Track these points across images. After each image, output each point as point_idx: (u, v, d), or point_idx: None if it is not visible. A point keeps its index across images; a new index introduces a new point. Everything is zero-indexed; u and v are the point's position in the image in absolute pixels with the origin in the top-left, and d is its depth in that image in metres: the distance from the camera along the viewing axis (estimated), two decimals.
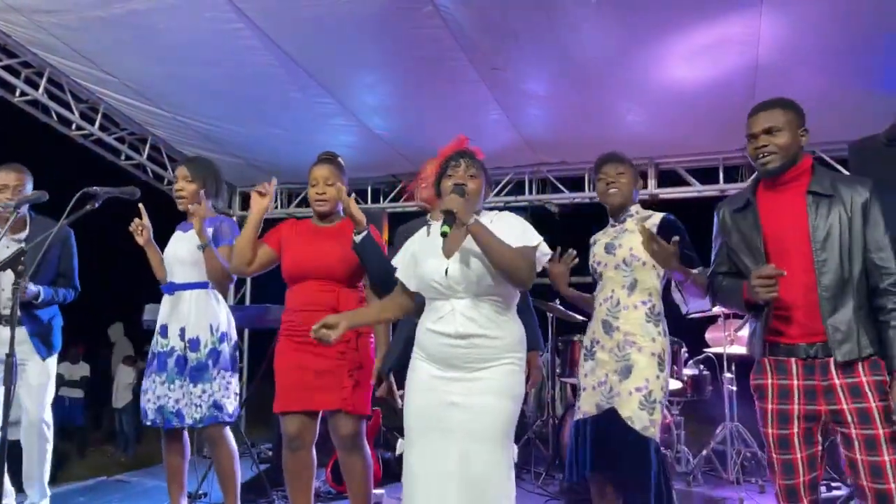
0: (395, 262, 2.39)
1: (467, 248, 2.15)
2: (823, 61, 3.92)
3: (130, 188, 2.64)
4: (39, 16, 3.97)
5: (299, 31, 3.91)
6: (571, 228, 5.42)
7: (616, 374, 2.54)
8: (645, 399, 2.47)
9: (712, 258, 2.43)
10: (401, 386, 2.55)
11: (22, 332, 3.27)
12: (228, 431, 3.05)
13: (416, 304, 2.37)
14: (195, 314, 3.03)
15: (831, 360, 2.08)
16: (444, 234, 2.09)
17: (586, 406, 2.60)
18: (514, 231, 2.19)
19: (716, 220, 2.42)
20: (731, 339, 4.66)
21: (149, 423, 3.06)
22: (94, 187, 2.43)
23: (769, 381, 2.19)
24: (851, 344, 2.06)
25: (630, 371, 2.51)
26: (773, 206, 2.25)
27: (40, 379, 3.35)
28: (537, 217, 5.85)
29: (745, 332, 4.65)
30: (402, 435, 2.32)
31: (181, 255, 3.11)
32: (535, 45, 3.98)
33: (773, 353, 2.19)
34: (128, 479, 4.59)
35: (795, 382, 2.14)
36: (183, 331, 3.02)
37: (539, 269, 2.24)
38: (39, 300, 3.27)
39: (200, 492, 3.71)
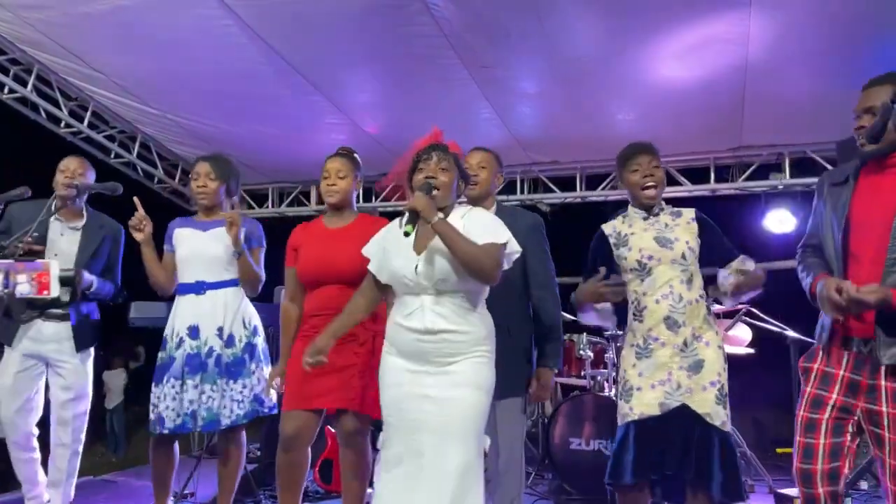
0: (365, 251, 2.39)
1: (435, 246, 2.17)
2: (814, 61, 3.92)
3: (112, 184, 2.62)
4: (26, 12, 3.95)
5: (287, 27, 3.90)
6: (563, 228, 5.42)
7: (683, 370, 2.43)
8: (720, 393, 2.41)
9: (807, 230, 2.35)
10: None
11: (67, 328, 3.18)
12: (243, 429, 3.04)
13: (382, 296, 2.39)
14: (231, 311, 3.00)
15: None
16: (406, 234, 2.11)
17: (642, 406, 2.44)
18: (483, 228, 2.20)
19: (816, 191, 2.31)
20: (723, 339, 4.65)
21: (166, 432, 2.87)
22: (76, 182, 2.41)
23: (816, 365, 2.15)
24: None
25: (701, 366, 2.43)
26: (870, 189, 2.10)
27: (78, 379, 3.23)
28: None
29: (735, 331, 4.66)
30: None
31: (214, 253, 3.01)
32: (525, 43, 3.98)
33: (830, 341, 2.13)
34: (114, 479, 4.55)
35: (842, 373, 2.08)
36: (221, 330, 2.97)
37: (506, 266, 2.25)
38: (92, 290, 3.19)
39: (187, 491, 3.68)
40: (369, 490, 3.94)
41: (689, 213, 2.63)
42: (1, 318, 2.89)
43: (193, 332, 2.97)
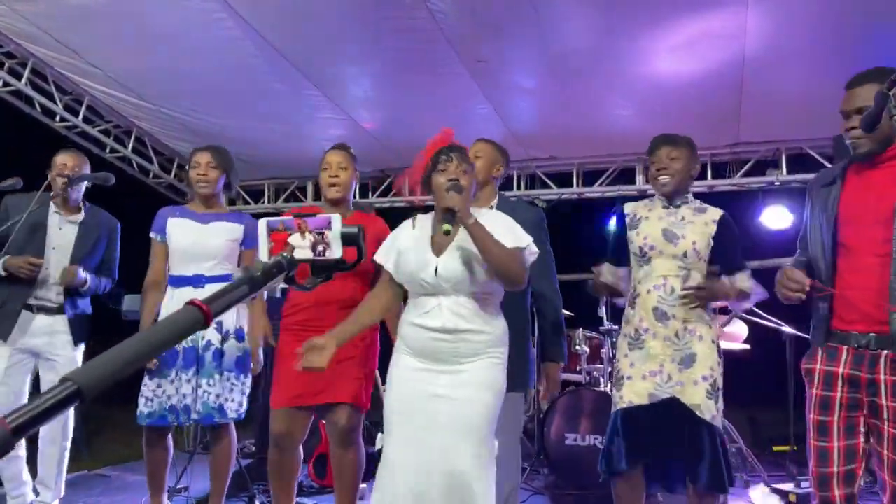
0: (378, 258, 2.34)
1: (458, 246, 2.16)
2: (811, 55, 3.91)
3: (104, 174, 2.61)
4: (20, 5, 3.93)
5: (282, 21, 3.88)
6: (560, 225, 5.40)
7: (675, 362, 2.44)
8: (711, 388, 2.42)
9: (800, 233, 2.37)
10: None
11: (62, 321, 3.18)
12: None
13: (397, 297, 2.36)
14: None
15: (883, 353, 2.01)
16: (446, 233, 2.10)
17: (632, 395, 2.47)
18: (506, 231, 2.20)
19: (808, 194, 2.33)
20: (718, 335, 4.64)
21: (163, 425, 2.90)
22: (66, 171, 2.40)
23: (817, 366, 2.15)
24: None
25: (693, 360, 2.44)
26: (860, 185, 2.12)
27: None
28: None
29: (730, 328, 4.66)
30: (382, 430, 2.30)
31: (215, 247, 2.99)
32: (521, 37, 3.96)
33: (827, 339, 2.13)
34: (108, 474, 4.54)
35: (841, 370, 2.08)
36: (220, 324, 2.92)
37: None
38: (85, 288, 3.21)
39: (180, 486, 3.67)
40: (363, 485, 3.96)
41: (716, 213, 2.60)
42: None
43: None
